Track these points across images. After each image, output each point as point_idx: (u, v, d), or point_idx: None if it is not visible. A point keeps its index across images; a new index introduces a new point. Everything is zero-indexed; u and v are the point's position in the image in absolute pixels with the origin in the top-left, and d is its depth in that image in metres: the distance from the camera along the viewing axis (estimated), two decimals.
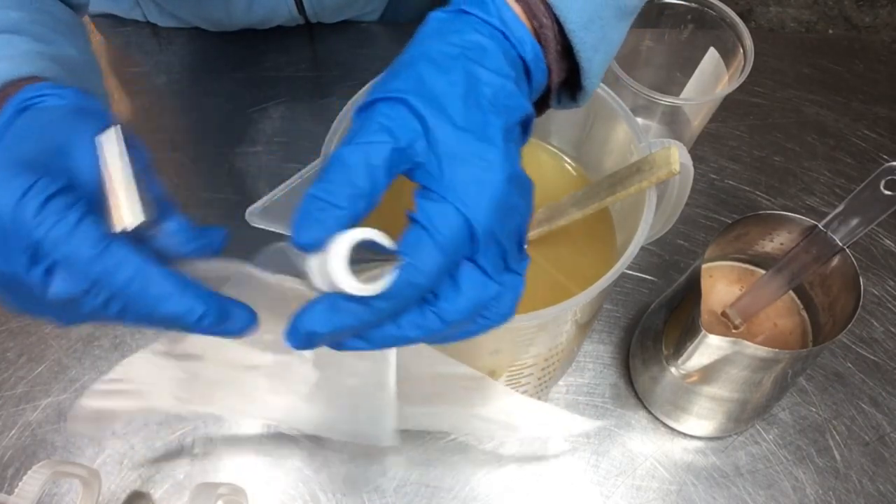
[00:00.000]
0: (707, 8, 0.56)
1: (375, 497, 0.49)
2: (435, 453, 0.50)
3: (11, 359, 0.54)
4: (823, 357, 0.54)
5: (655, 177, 0.37)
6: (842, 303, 0.43)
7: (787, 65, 0.70)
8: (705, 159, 0.64)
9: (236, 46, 0.70)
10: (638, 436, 0.51)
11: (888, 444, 0.51)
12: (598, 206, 0.40)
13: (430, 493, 0.49)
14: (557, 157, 0.50)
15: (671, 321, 0.47)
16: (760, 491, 0.49)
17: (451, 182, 0.26)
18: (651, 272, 0.58)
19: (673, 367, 0.46)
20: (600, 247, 0.46)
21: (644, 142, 0.40)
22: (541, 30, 0.31)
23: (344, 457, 0.50)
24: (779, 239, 0.46)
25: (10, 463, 0.50)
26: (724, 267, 0.50)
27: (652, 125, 0.61)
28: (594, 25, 0.33)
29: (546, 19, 0.32)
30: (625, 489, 0.49)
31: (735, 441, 0.51)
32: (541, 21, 0.31)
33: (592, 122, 0.45)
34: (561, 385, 0.53)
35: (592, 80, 0.34)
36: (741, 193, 0.62)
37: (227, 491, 0.44)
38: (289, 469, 0.50)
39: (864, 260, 0.58)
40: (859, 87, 0.68)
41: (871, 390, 0.53)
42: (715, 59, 0.56)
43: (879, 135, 0.65)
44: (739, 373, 0.43)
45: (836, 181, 0.63)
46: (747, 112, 0.67)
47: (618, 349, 0.54)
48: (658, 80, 0.62)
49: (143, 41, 0.71)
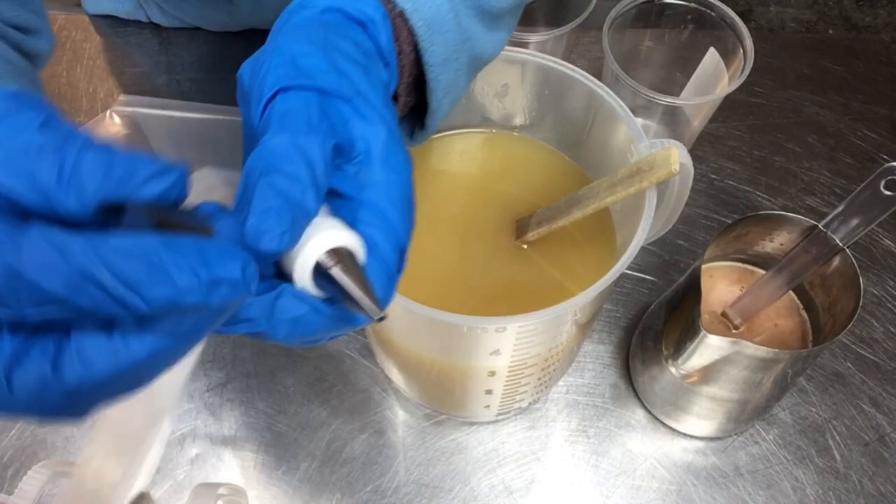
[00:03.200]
0: (707, 8, 0.56)
1: (375, 497, 0.49)
2: (435, 453, 0.50)
3: None
4: (823, 357, 0.54)
5: (655, 177, 0.37)
6: (842, 303, 0.43)
7: (787, 65, 0.70)
8: (705, 159, 0.64)
9: (238, 46, 0.70)
10: (638, 436, 0.51)
11: (888, 444, 0.51)
12: (598, 206, 0.40)
13: (430, 493, 0.49)
14: (557, 157, 0.50)
15: (671, 321, 0.47)
16: (760, 491, 0.49)
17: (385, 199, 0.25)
18: (651, 272, 0.58)
19: (673, 367, 0.46)
20: (600, 247, 0.46)
21: (644, 142, 0.40)
22: (399, 55, 0.31)
23: (344, 457, 0.50)
24: (779, 239, 0.46)
25: (10, 463, 0.50)
26: (724, 267, 0.50)
27: (652, 125, 0.61)
28: (450, 66, 0.33)
29: (407, 47, 0.31)
30: (625, 489, 0.49)
31: (735, 441, 0.51)
32: (402, 47, 0.31)
33: (592, 122, 0.45)
34: (561, 385, 0.53)
35: (435, 120, 0.34)
36: (741, 193, 0.62)
37: (227, 491, 0.44)
38: (289, 469, 0.50)
39: (864, 260, 0.58)
40: (859, 87, 0.68)
41: (871, 390, 0.53)
42: (715, 59, 0.56)
43: (879, 135, 0.65)
44: (739, 373, 0.43)
45: (836, 181, 0.63)
46: (747, 112, 0.67)
47: (618, 349, 0.54)
48: (658, 80, 0.62)
49: (143, 41, 0.71)
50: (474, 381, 0.43)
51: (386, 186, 0.25)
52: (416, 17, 0.31)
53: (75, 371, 0.18)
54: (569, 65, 0.44)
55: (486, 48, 0.36)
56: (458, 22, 0.33)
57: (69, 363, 0.18)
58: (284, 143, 0.23)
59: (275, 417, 0.51)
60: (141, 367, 0.19)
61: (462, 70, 0.35)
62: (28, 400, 0.18)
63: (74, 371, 0.18)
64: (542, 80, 0.46)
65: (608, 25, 0.55)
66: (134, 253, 0.17)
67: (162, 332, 0.19)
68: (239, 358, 0.54)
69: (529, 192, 0.48)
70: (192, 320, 0.19)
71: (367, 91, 0.26)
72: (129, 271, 0.17)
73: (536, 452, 0.51)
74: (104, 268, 0.17)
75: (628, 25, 0.58)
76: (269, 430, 0.51)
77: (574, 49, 0.67)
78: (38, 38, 0.41)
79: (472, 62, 0.35)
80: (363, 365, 0.53)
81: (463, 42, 0.34)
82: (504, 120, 0.50)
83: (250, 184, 0.22)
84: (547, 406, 0.52)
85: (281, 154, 0.23)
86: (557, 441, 0.51)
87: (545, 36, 0.57)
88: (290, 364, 0.53)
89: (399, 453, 0.50)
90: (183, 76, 0.69)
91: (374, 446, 0.50)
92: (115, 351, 0.18)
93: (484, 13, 0.34)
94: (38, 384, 0.18)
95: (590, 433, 0.51)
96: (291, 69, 0.25)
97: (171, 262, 0.18)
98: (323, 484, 0.49)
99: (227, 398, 0.52)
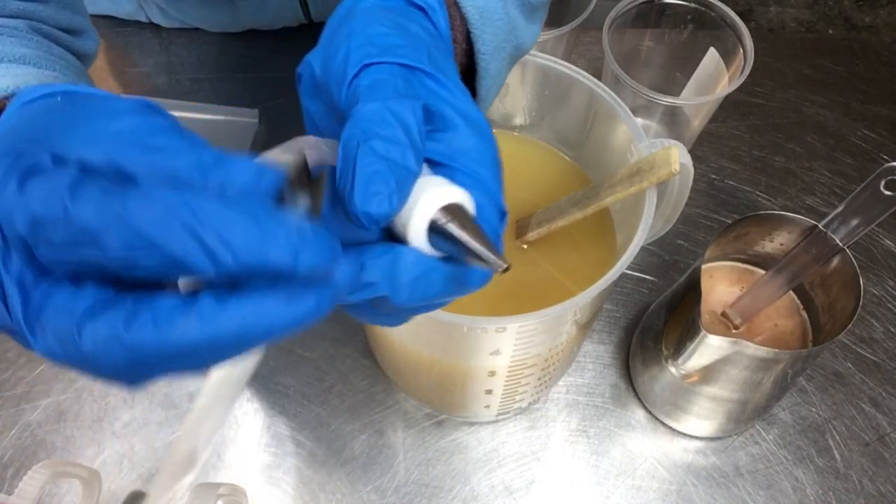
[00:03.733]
0: (707, 8, 0.56)
1: (375, 497, 0.49)
2: (435, 453, 0.50)
3: (11, 359, 0.54)
4: (823, 357, 0.54)
5: (655, 177, 0.37)
6: (842, 303, 0.43)
7: (787, 65, 0.70)
8: (705, 159, 0.64)
9: (238, 46, 0.70)
10: (638, 436, 0.51)
11: (888, 444, 0.51)
12: (598, 206, 0.40)
13: (430, 493, 0.49)
14: (558, 158, 0.50)
15: (671, 321, 0.47)
16: (760, 491, 0.49)
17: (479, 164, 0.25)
18: (651, 272, 0.58)
19: (673, 367, 0.46)
20: (600, 247, 0.46)
21: (644, 142, 0.40)
22: (453, 44, 0.32)
23: (344, 457, 0.50)
24: (779, 239, 0.46)
25: (10, 463, 0.50)
26: (724, 267, 0.50)
27: (652, 125, 0.61)
28: (498, 55, 0.34)
29: (460, 35, 0.32)
30: (625, 489, 0.49)
31: (735, 441, 0.51)
32: (455, 35, 0.32)
33: (592, 122, 0.45)
34: (561, 385, 0.53)
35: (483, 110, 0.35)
36: (741, 193, 0.62)
37: (227, 491, 0.44)
38: (289, 469, 0.50)
39: (864, 260, 0.58)
40: (859, 87, 0.68)
41: (871, 390, 0.53)
42: (715, 59, 0.56)
43: (879, 135, 0.65)
44: (739, 373, 0.43)
45: (836, 181, 0.63)
46: (747, 112, 0.67)
47: (618, 349, 0.54)
48: (658, 80, 0.62)
49: (143, 41, 0.71)
50: (474, 381, 0.43)
51: (478, 153, 0.25)
52: (468, 5, 0.32)
53: (147, 332, 0.18)
54: (569, 65, 0.44)
55: (527, 39, 0.37)
56: (507, 11, 0.34)
57: (142, 323, 0.18)
58: (378, 109, 0.23)
59: (275, 418, 0.51)
60: (213, 342, 0.19)
61: (506, 60, 0.35)
62: (93, 352, 0.18)
63: (146, 332, 0.18)
64: (542, 80, 0.46)
65: (608, 25, 0.55)
66: (229, 210, 0.18)
67: (243, 306, 0.18)
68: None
69: (529, 192, 0.48)
70: (275, 297, 0.19)
71: (445, 66, 0.27)
72: (224, 225, 0.18)
73: (536, 452, 0.51)
74: (196, 215, 0.18)
75: (628, 25, 0.58)
76: (269, 431, 0.51)
77: (574, 49, 0.67)
78: (85, 39, 0.42)
79: (515, 52, 0.36)
80: (363, 365, 0.53)
81: (509, 32, 0.34)
82: (504, 120, 0.50)
83: (349, 152, 0.22)
84: (547, 406, 0.52)
85: (376, 119, 0.23)
86: (557, 441, 0.51)
87: (545, 36, 0.57)
88: (290, 364, 0.53)
89: (399, 453, 0.50)
90: (183, 76, 0.69)
91: (374, 446, 0.50)
92: (193, 318, 0.18)
93: (525, 4, 0.35)
94: (107, 338, 0.18)
95: (590, 433, 0.51)
96: (372, 48, 0.25)
97: (268, 227, 0.18)
98: (323, 484, 0.49)
99: None
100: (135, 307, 0.18)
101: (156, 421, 0.51)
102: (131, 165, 0.19)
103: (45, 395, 0.52)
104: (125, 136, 0.19)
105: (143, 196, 0.18)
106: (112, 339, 0.18)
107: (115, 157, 0.19)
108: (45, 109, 0.23)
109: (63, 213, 0.17)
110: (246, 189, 0.19)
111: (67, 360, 0.19)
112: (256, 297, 0.18)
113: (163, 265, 0.18)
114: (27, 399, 0.52)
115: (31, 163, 0.19)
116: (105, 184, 0.18)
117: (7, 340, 0.54)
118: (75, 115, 0.20)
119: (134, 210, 0.17)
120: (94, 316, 0.18)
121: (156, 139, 0.19)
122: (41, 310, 0.19)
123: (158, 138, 0.20)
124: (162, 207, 0.17)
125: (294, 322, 0.19)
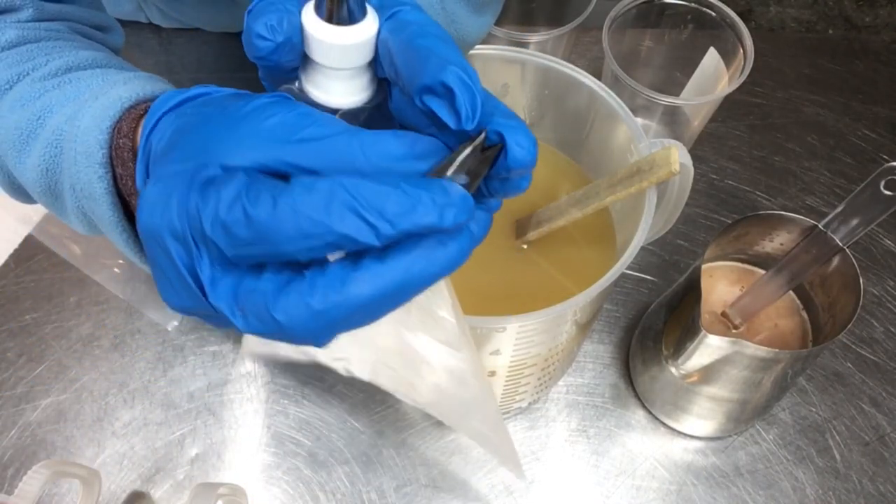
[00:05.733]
0: (707, 8, 0.56)
1: (375, 497, 0.49)
2: (435, 453, 0.50)
3: (11, 359, 0.54)
4: (823, 357, 0.54)
5: (655, 177, 0.37)
6: (842, 303, 0.43)
7: (787, 65, 0.70)
8: (705, 159, 0.64)
9: (238, 47, 0.70)
10: (638, 436, 0.51)
11: (888, 444, 0.51)
12: (598, 206, 0.40)
13: (430, 493, 0.49)
14: (557, 158, 0.50)
15: (671, 321, 0.47)
16: (760, 491, 0.49)
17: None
18: (651, 272, 0.58)
19: (673, 367, 0.46)
20: (600, 247, 0.46)
21: (644, 142, 0.40)
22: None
23: (344, 457, 0.50)
24: (779, 239, 0.46)
25: (10, 463, 0.50)
26: (724, 267, 0.50)
27: (652, 125, 0.61)
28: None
29: None
30: (625, 489, 0.49)
31: (735, 441, 0.51)
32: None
33: (592, 122, 0.45)
34: (561, 385, 0.53)
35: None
36: (741, 193, 0.62)
37: (227, 491, 0.44)
38: (289, 469, 0.50)
39: (864, 260, 0.58)
40: (859, 87, 0.68)
41: (871, 390, 0.53)
42: (715, 59, 0.56)
43: (879, 135, 0.65)
44: (739, 373, 0.43)
45: (836, 181, 0.63)
46: (747, 112, 0.67)
47: (618, 349, 0.54)
48: (658, 80, 0.62)
49: (143, 41, 0.71)
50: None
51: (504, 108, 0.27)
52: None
53: (329, 297, 0.21)
54: (569, 65, 0.44)
55: (471, 31, 0.38)
56: (443, 6, 0.36)
57: (323, 291, 0.21)
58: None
59: (275, 417, 0.51)
60: (382, 295, 0.21)
61: None
62: (287, 322, 0.21)
63: (329, 297, 0.21)
64: (542, 80, 0.46)
65: (608, 25, 0.55)
66: (381, 185, 0.20)
67: (402, 260, 0.21)
68: (239, 358, 0.54)
69: (529, 192, 0.48)
70: (428, 249, 0.22)
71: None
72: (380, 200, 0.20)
73: (536, 452, 0.51)
74: (355, 196, 0.20)
75: (628, 25, 0.58)
76: (269, 430, 0.51)
77: (574, 49, 0.67)
78: (114, 35, 0.42)
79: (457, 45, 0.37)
80: None
81: (448, 25, 0.36)
82: None
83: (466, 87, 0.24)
84: (547, 406, 0.52)
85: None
86: (557, 441, 0.51)
87: (545, 36, 0.57)
88: (290, 364, 0.53)
89: (399, 453, 0.50)
90: (183, 76, 0.69)
91: (374, 446, 0.50)
92: (363, 278, 0.21)
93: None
94: (297, 309, 0.21)
95: (590, 433, 0.51)
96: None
97: (416, 194, 0.20)
98: (323, 484, 0.49)
99: (227, 398, 0.52)
100: (312, 279, 0.21)
101: (156, 421, 0.51)
102: (296, 160, 0.22)
103: (45, 395, 0.52)
104: (278, 133, 0.22)
105: (307, 188, 0.20)
106: (301, 308, 0.21)
107: (280, 155, 0.22)
108: (198, 117, 0.25)
109: (244, 216, 0.20)
110: (403, 159, 0.22)
111: (267, 332, 0.22)
112: (411, 252, 0.21)
113: (332, 245, 0.20)
114: (27, 399, 0.52)
115: (206, 175, 0.22)
116: (272, 183, 0.21)
117: (7, 340, 0.54)
118: (227, 121, 0.23)
119: (302, 203, 0.20)
120: (281, 293, 0.21)
121: (307, 131, 0.22)
122: (237, 296, 0.22)
123: (309, 130, 0.22)
124: (324, 195, 0.20)
125: (446, 267, 0.22)
